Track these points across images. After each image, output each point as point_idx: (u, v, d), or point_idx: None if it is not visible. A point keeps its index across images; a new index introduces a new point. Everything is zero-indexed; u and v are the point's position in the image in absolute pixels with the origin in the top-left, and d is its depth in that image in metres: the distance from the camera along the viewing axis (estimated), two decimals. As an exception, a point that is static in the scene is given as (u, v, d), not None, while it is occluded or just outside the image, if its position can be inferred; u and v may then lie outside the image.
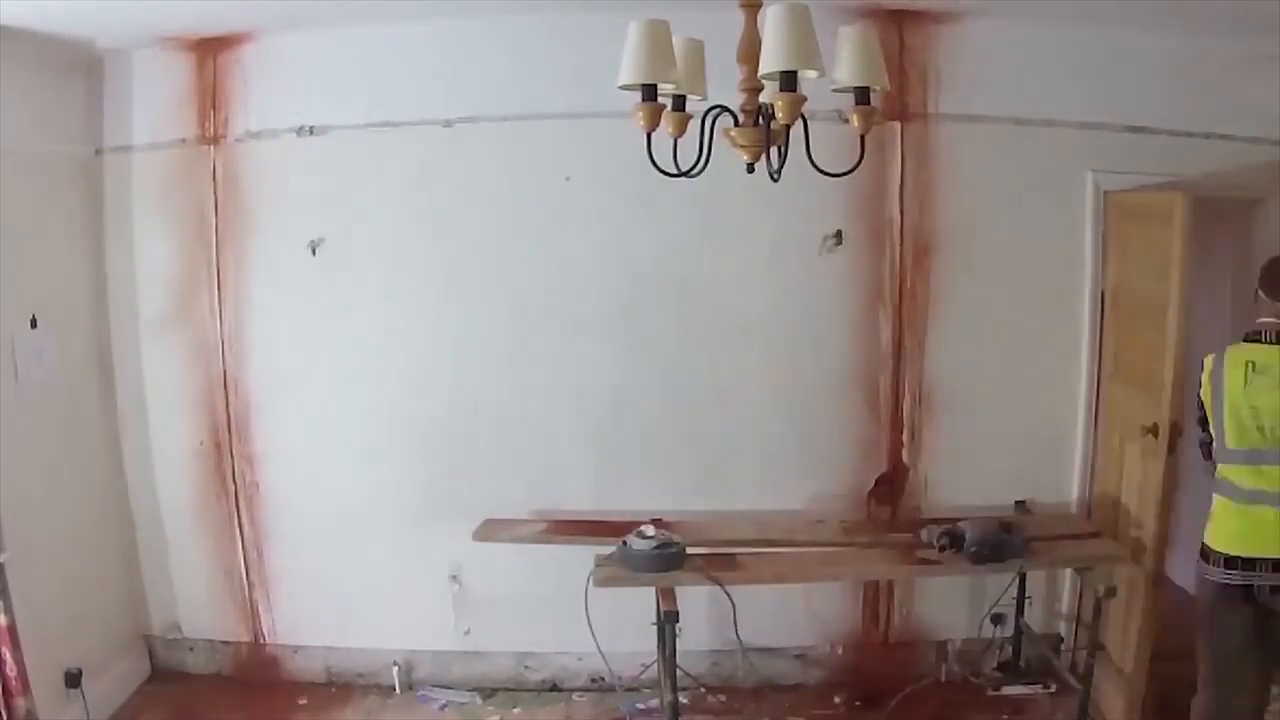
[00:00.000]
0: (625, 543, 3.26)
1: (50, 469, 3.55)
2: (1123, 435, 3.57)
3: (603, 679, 3.89)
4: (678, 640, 3.29)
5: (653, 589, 3.29)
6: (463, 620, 3.94)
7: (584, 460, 3.86)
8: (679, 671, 3.34)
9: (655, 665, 3.73)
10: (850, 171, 2.45)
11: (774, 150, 2.09)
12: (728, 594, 3.29)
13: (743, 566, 3.34)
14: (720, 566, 3.30)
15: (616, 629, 3.61)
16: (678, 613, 3.11)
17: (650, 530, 3.28)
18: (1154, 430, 3.25)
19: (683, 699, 3.56)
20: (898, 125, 3.64)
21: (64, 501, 3.62)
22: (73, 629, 3.58)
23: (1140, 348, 3.44)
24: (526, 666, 3.98)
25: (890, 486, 3.85)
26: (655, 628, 3.44)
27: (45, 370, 3.53)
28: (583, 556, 3.41)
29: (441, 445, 3.87)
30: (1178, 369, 3.17)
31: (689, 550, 3.31)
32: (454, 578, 3.91)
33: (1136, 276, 3.51)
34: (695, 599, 3.46)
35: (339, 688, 4.00)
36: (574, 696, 3.92)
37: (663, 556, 3.22)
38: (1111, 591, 3.26)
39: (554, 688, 3.97)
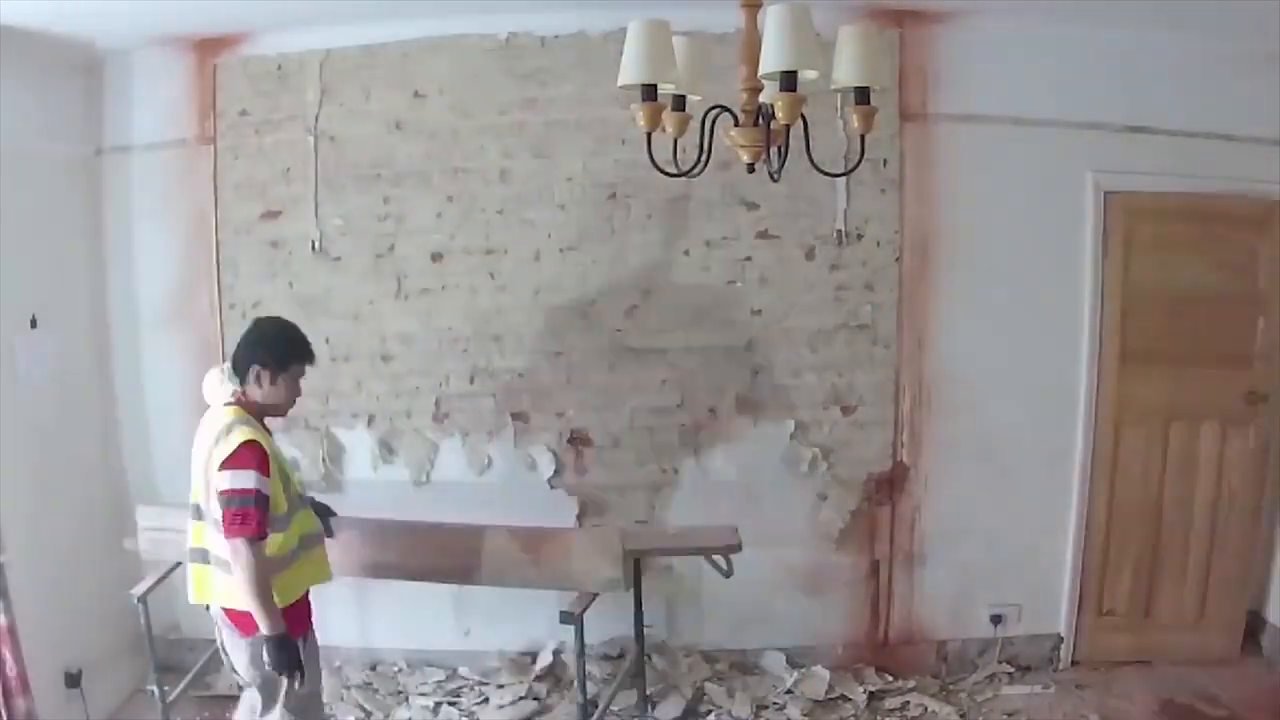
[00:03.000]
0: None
1: (50, 469, 3.55)
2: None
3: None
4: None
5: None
6: (462, 620, 3.95)
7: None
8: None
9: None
10: (850, 171, 2.46)
11: (774, 150, 2.09)
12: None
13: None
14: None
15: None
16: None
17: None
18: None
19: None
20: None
21: (64, 502, 3.62)
22: (73, 629, 3.58)
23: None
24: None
25: (890, 485, 3.85)
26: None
27: (45, 370, 3.53)
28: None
29: (440, 443, 3.88)
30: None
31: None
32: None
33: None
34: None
35: (339, 687, 4.00)
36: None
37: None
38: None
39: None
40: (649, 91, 1.97)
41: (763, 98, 2.03)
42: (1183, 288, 3.76)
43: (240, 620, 2.63)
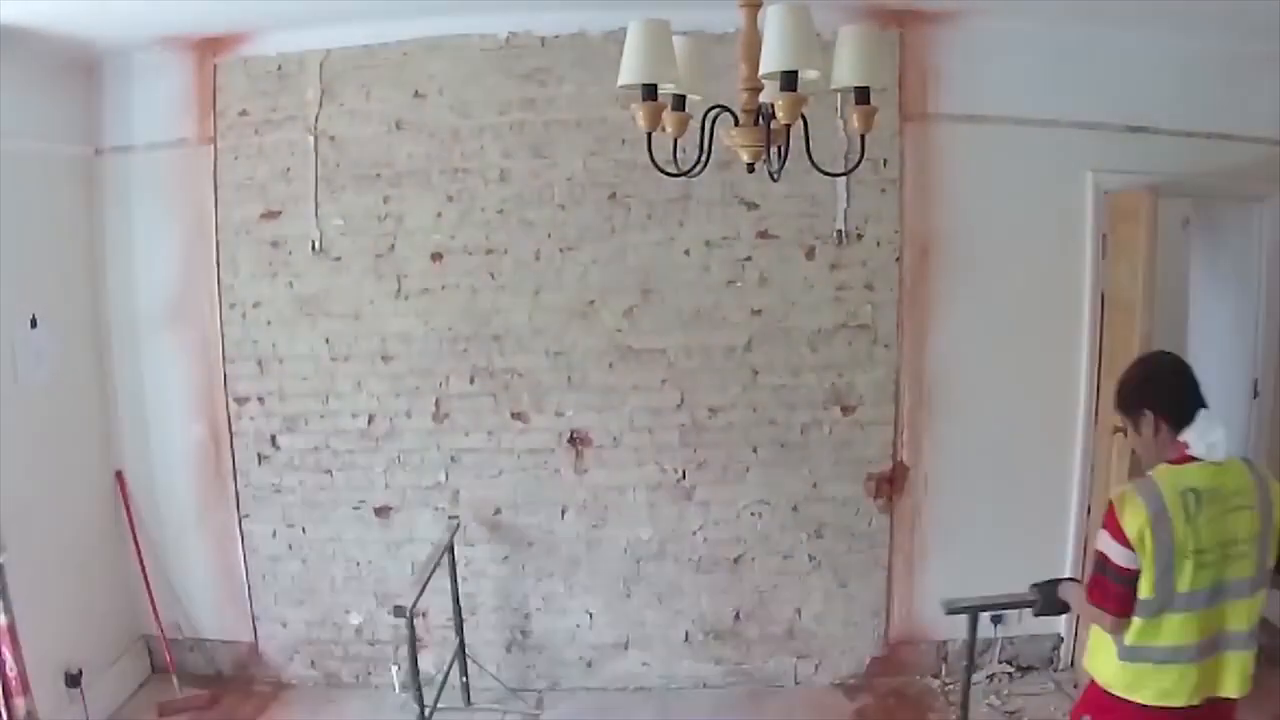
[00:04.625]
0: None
1: (50, 469, 3.55)
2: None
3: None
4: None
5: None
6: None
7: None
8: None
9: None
10: (850, 171, 2.46)
11: (774, 150, 2.09)
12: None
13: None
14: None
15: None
16: None
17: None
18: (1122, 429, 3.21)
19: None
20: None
21: (64, 501, 3.62)
22: (73, 629, 3.58)
23: (1123, 345, 3.45)
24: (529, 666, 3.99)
25: (890, 485, 3.85)
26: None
27: (45, 370, 3.53)
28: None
29: (442, 445, 3.88)
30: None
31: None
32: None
33: (1124, 276, 3.51)
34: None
35: (339, 687, 4.00)
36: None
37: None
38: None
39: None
40: (649, 91, 1.97)
41: (763, 98, 2.03)
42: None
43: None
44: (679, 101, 2.15)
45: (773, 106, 1.94)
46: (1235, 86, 3.64)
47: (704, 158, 2.11)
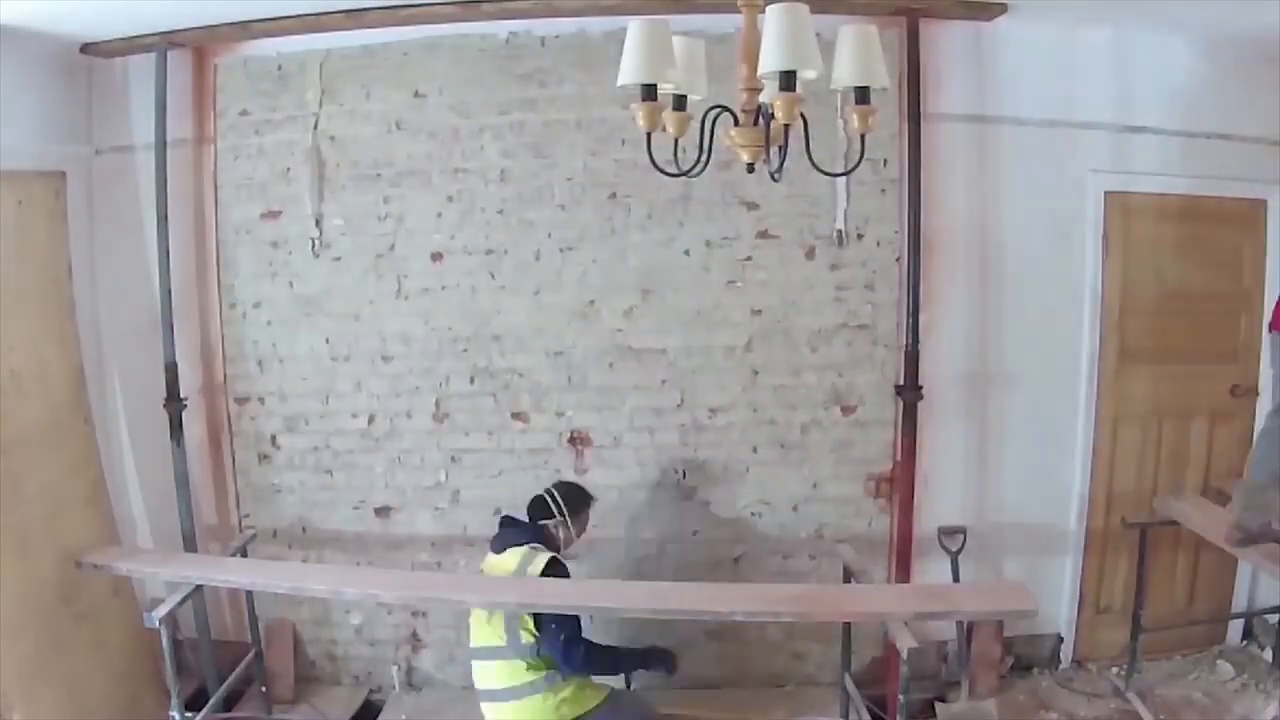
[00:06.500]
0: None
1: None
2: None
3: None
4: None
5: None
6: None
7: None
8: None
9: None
10: (850, 171, 2.46)
11: (774, 150, 2.09)
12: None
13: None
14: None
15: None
16: None
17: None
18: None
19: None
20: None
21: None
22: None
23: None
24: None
25: (890, 485, 3.85)
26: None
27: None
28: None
29: (442, 445, 3.88)
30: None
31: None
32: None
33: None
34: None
35: (338, 687, 4.00)
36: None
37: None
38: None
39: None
40: (649, 91, 1.97)
41: (763, 97, 2.03)
42: (1174, 286, 3.83)
43: None
44: (679, 101, 2.15)
45: (772, 106, 1.94)
46: (1235, 86, 3.64)
47: (704, 158, 2.11)
